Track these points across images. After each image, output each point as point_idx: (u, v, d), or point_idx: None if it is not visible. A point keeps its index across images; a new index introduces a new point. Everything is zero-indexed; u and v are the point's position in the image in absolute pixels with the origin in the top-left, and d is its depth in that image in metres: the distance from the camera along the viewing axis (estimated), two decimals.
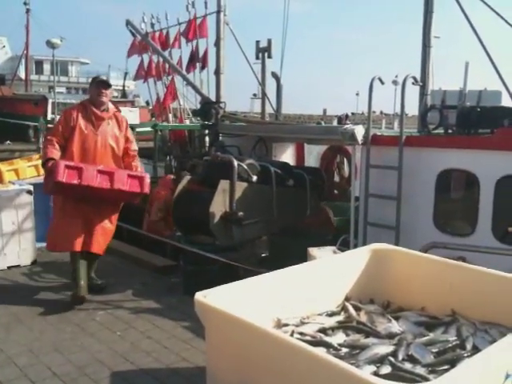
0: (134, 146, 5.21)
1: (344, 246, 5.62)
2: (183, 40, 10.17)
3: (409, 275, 2.89)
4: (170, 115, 11.02)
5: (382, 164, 5.85)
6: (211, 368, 2.32)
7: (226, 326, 2.18)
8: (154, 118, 16.37)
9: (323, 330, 2.49)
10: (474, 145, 5.39)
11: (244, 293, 2.43)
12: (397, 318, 2.64)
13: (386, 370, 2.00)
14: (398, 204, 5.64)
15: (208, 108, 8.31)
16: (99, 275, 5.24)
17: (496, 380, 1.79)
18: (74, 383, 3.45)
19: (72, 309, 4.68)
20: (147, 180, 4.94)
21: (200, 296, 2.28)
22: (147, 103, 29.83)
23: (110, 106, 5.08)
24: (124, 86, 39.13)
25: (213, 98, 8.63)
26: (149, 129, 12.50)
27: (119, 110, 5.23)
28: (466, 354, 2.16)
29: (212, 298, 2.25)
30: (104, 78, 5.45)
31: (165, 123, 10.80)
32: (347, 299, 2.87)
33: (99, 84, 4.99)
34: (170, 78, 10.67)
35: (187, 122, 11.12)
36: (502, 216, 5.34)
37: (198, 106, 9.00)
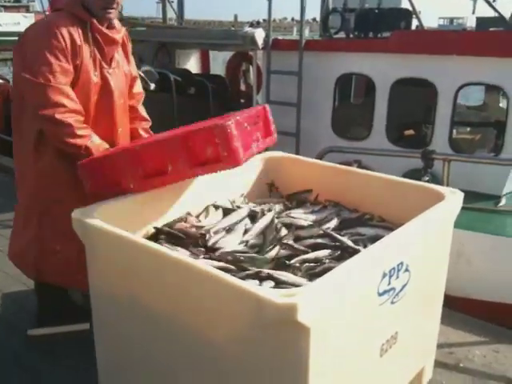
0: (140, 87, 2.99)
1: None
2: None
3: (303, 182, 2.89)
4: None
5: (283, 69, 5.75)
6: (95, 288, 2.24)
7: (105, 243, 2.08)
8: None
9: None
10: (370, 48, 5.38)
11: (124, 208, 2.30)
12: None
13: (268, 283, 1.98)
14: (298, 110, 5.63)
15: None
16: None
17: (373, 279, 1.85)
18: None
19: None
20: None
21: (78, 213, 2.14)
22: None
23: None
24: None
25: None
26: None
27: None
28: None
29: (90, 215, 2.12)
30: None
31: None
32: None
33: None
34: None
35: None
36: (396, 119, 5.50)
37: None
